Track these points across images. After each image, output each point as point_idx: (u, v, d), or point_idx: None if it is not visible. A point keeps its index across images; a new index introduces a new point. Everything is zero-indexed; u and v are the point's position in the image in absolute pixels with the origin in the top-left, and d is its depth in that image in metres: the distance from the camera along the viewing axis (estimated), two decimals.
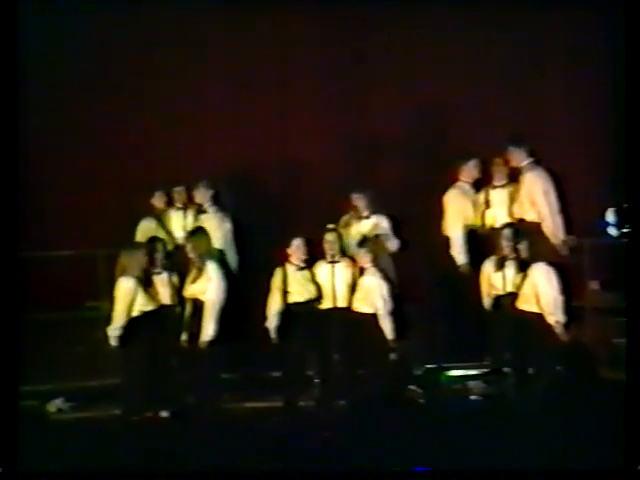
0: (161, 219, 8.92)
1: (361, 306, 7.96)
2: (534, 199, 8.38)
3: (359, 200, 8.71)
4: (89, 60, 9.72)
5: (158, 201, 8.98)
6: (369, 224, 8.65)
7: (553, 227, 8.36)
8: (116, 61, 9.77)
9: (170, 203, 9.02)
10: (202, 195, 8.87)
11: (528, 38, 10.11)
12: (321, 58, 10.15)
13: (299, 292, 8.01)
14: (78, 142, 9.72)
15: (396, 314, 7.89)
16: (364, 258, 7.98)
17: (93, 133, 9.75)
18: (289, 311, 7.98)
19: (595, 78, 9.98)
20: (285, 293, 7.96)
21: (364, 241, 8.14)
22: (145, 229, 8.75)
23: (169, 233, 8.81)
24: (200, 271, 7.87)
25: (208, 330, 7.75)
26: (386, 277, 7.96)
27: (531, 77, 10.13)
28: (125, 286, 7.59)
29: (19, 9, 6.80)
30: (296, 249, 8.05)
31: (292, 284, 7.98)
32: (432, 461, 6.28)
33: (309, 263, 8.10)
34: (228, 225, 8.88)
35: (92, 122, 9.76)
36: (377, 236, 8.55)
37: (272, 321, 7.96)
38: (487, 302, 8.21)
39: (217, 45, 9.96)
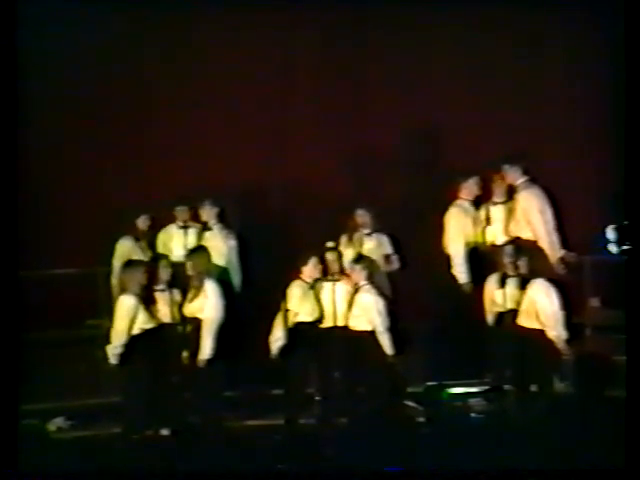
0: (139, 238, 8.86)
1: (358, 323, 7.91)
2: (529, 218, 8.34)
3: (362, 217, 8.73)
4: (89, 76, 9.77)
5: (141, 222, 8.91)
6: (372, 242, 8.68)
7: (549, 245, 8.31)
8: (116, 79, 9.84)
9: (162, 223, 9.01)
10: (208, 213, 8.90)
11: (527, 55, 10.12)
12: (321, 76, 10.18)
13: (308, 311, 7.98)
14: (79, 160, 9.75)
15: (394, 330, 7.86)
16: (359, 275, 7.93)
17: (94, 150, 9.78)
18: (292, 330, 7.94)
19: (594, 93, 9.97)
20: (290, 312, 7.92)
21: (360, 258, 8.12)
22: (123, 249, 8.74)
23: (157, 253, 8.73)
24: (198, 289, 7.86)
25: (206, 349, 7.73)
26: (382, 293, 7.93)
27: (530, 94, 10.13)
28: (127, 304, 7.54)
29: (19, 9, 6.84)
30: (313, 267, 7.97)
31: (301, 303, 7.95)
32: (433, 478, 6.28)
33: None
34: (233, 243, 8.89)
35: (93, 138, 9.79)
36: (387, 256, 8.61)
37: (278, 340, 7.88)
38: (490, 319, 8.21)
39: (218, 60, 9.98)
